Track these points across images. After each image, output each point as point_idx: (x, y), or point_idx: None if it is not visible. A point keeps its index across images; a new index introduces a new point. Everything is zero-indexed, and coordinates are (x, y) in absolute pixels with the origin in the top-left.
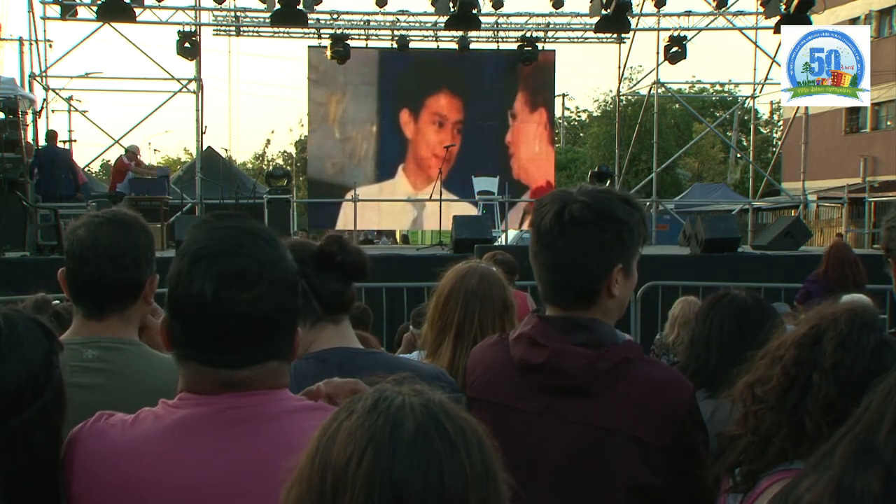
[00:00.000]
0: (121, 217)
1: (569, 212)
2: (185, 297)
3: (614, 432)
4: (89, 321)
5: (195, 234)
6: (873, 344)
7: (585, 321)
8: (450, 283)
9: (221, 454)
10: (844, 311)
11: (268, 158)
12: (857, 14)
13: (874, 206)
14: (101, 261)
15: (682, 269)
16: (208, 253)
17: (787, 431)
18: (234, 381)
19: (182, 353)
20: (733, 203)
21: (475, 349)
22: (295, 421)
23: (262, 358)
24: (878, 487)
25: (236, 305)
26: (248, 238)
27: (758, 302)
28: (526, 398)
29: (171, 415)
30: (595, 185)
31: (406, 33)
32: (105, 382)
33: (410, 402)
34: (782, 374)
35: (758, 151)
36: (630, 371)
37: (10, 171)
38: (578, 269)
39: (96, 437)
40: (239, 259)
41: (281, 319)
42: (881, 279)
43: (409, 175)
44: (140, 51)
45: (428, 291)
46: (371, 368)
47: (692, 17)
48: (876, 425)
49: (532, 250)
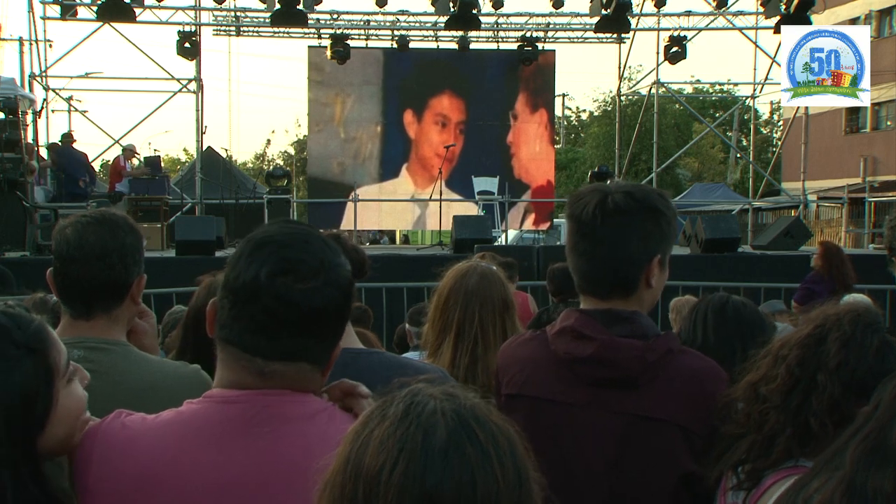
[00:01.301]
0: (108, 217)
1: (612, 201)
2: (240, 276)
3: (660, 422)
4: (77, 321)
5: (267, 227)
6: (877, 345)
7: (627, 314)
8: (449, 282)
9: (242, 454)
10: (848, 312)
11: (268, 158)
12: (857, 14)
13: (874, 206)
14: (88, 260)
15: (682, 269)
16: (274, 241)
17: (792, 431)
18: (266, 372)
19: (224, 335)
20: (733, 203)
21: (505, 347)
22: (317, 425)
23: (298, 355)
24: (890, 487)
25: (287, 292)
26: (315, 238)
27: (743, 303)
28: (569, 391)
29: (194, 412)
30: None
31: (406, 33)
32: (91, 383)
33: (442, 407)
34: (787, 374)
35: (758, 151)
36: (673, 362)
37: (10, 171)
38: (620, 258)
39: (116, 430)
40: (301, 252)
41: (328, 319)
42: (881, 279)
43: (412, 175)
44: (140, 51)
45: (428, 291)
46: (373, 369)
47: (692, 17)
48: (888, 424)
49: (570, 242)
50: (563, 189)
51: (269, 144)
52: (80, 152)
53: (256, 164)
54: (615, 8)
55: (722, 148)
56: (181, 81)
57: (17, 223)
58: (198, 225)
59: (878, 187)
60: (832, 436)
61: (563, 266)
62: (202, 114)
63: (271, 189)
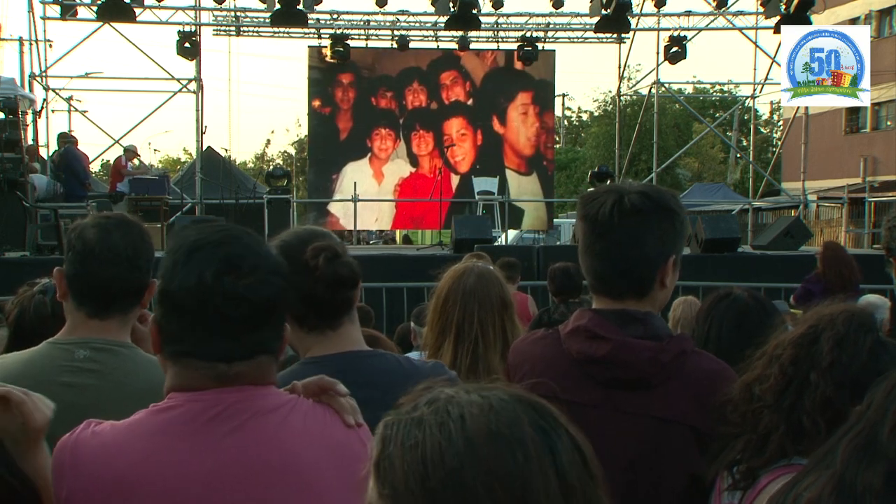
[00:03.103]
0: (130, 221)
1: (629, 200)
2: (183, 285)
3: (673, 423)
4: (90, 320)
5: (185, 233)
6: (870, 344)
7: (641, 314)
8: (447, 283)
9: (212, 450)
10: (842, 312)
11: (268, 158)
12: (857, 14)
13: (874, 206)
14: (119, 261)
15: (682, 269)
16: (207, 242)
17: (785, 429)
18: (230, 375)
19: (176, 349)
20: (733, 203)
21: (517, 345)
22: (282, 416)
23: (256, 350)
24: (880, 484)
25: (237, 289)
26: (238, 233)
27: (759, 302)
28: (581, 391)
29: (161, 413)
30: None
31: (406, 33)
32: (95, 383)
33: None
34: (780, 374)
35: (758, 151)
36: (686, 363)
37: (10, 171)
38: (636, 258)
39: (87, 439)
40: (237, 248)
41: (277, 307)
42: (881, 279)
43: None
44: (140, 51)
45: (428, 291)
46: (369, 372)
47: (692, 17)
48: (879, 421)
49: (585, 243)
50: (563, 189)
51: (269, 144)
52: (81, 152)
53: (256, 164)
54: (615, 8)
55: (722, 148)
56: (181, 81)
57: (17, 223)
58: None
59: (878, 187)
60: (825, 434)
61: (564, 266)
62: (202, 114)
63: (271, 189)
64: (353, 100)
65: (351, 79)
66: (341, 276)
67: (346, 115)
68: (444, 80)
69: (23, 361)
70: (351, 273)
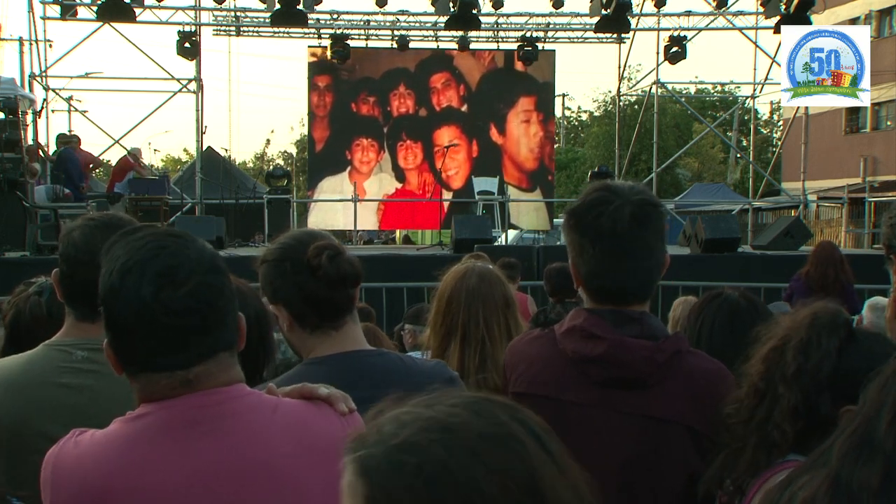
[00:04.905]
0: (115, 220)
1: (634, 211)
2: (124, 309)
3: (670, 423)
4: (82, 323)
5: (113, 251)
6: (837, 345)
7: (637, 314)
8: (449, 285)
9: (187, 455)
10: (806, 316)
11: (268, 158)
12: (857, 14)
13: (874, 206)
14: (97, 263)
15: (681, 269)
16: (134, 262)
17: (755, 441)
18: (191, 379)
19: (133, 369)
20: (733, 203)
21: (514, 345)
22: (255, 415)
23: (212, 350)
24: (876, 482)
25: (177, 301)
26: (164, 240)
27: (750, 302)
28: (578, 391)
29: (133, 422)
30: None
31: (406, 33)
32: (94, 383)
33: None
34: (751, 391)
35: (758, 151)
36: (681, 362)
37: (10, 171)
38: (649, 268)
39: (69, 450)
40: (165, 259)
41: (222, 305)
42: (881, 279)
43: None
44: (140, 51)
45: (428, 291)
46: (373, 371)
47: (692, 17)
48: (875, 417)
49: (589, 254)
50: (563, 189)
51: (269, 144)
52: (87, 154)
53: (256, 164)
54: (615, 8)
55: (722, 148)
56: (181, 81)
57: (17, 223)
58: (198, 225)
59: (878, 187)
60: (792, 443)
61: (561, 266)
62: (202, 114)
63: (271, 189)
64: (331, 105)
65: (327, 81)
66: (345, 272)
67: (321, 122)
68: (434, 82)
69: (22, 364)
70: (354, 269)
